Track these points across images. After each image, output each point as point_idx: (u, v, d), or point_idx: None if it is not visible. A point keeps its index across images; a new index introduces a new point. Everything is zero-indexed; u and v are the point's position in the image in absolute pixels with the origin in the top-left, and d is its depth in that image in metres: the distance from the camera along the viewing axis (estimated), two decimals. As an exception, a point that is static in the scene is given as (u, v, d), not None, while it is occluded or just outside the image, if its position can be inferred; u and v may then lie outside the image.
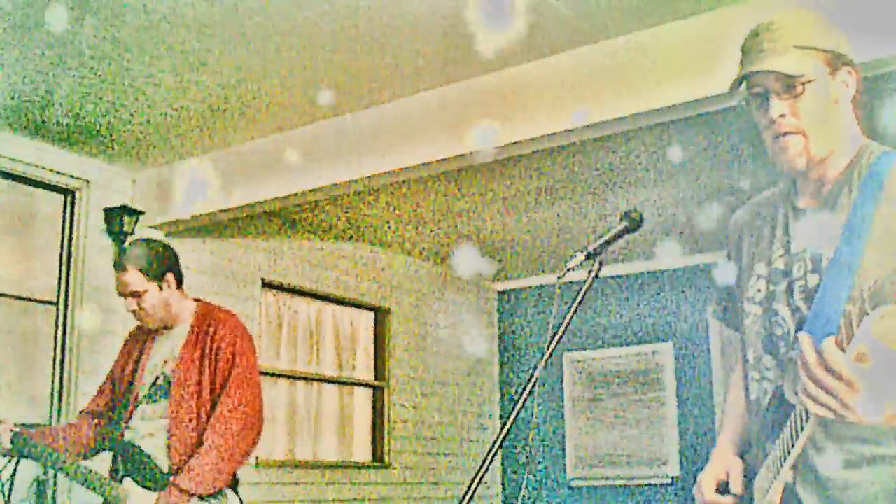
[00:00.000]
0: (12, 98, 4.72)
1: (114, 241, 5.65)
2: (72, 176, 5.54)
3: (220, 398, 3.17)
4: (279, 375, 6.80)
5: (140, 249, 3.27)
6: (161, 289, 3.25)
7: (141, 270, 3.21)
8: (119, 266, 3.25)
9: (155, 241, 3.43)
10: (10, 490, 3.25)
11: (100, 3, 3.78)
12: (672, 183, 6.05)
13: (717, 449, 1.94)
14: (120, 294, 3.28)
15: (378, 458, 7.51)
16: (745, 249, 1.94)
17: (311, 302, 7.16)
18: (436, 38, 4.17)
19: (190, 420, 3.15)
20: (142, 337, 3.41)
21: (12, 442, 3.16)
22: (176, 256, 3.35)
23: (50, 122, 5.05)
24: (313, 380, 7.13)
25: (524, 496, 8.38)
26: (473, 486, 1.70)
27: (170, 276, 3.28)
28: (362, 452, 7.49)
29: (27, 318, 5.36)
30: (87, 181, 5.61)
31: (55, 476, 5.16)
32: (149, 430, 3.21)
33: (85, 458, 3.34)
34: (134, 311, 3.28)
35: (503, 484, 8.52)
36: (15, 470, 3.26)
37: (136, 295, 3.23)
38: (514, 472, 8.47)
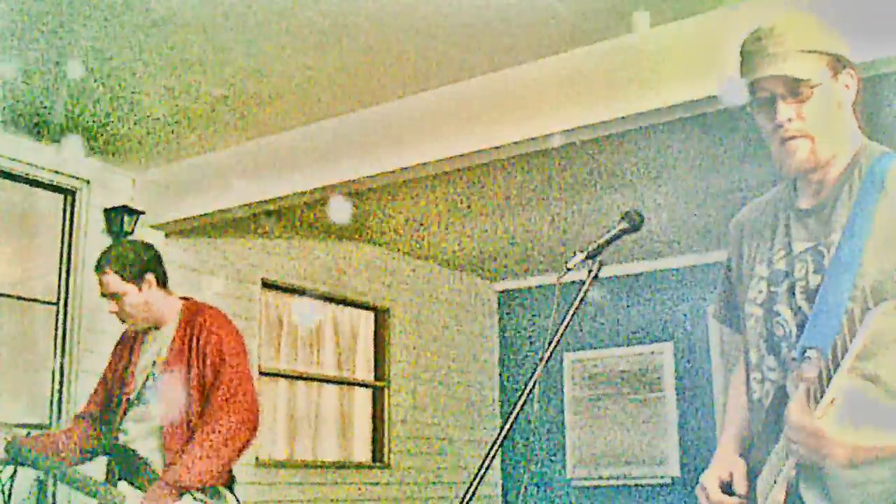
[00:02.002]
0: (12, 98, 4.73)
1: (114, 241, 5.65)
2: (72, 176, 5.54)
3: (210, 395, 3.11)
4: (279, 375, 6.80)
5: (117, 251, 3.22)
6: (140, 290, 3.20)
7: (117, 272, 3.17)
8: (98, 268, 3.21)
9: (134, 241, 3.37)
10: (10, 490, 3.25)
11: (101, 2, 3.78)
12: (672, 183, 6.05)
13: (720, 449, 1.94)
14: (102, 296, 3.24)
15: (378, 458, 7.51)
16: (746, 251, 1.94)
17: (311, 302, 7.16)
18: (435, 38, 4.17)
19: (182, 420, 3.12)
20: (131, 338, 3.37)
21: (7, 450, 3.14)
22: (157, 256, 3.28)
23: (50, 122, 5.05)
24: (313, 380, 7.13)
25: (524, 496, 8.38)
26: (473, 486, 1.70)
27: (150, 277, 3.21)
28: (362, 452, 7.49)
29: (27, 318, 5.36)
30: (87, 181, 5.61)
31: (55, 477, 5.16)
32: (141, 432, 3.18)
33: (81, 462, 3.31)
34: (115, 313, 3.24)
35: (503, 484, 8.52)
36: (15, 471, 3.26)
37: (115, 297, 3.20)
38: (514, 472, 8.47)
